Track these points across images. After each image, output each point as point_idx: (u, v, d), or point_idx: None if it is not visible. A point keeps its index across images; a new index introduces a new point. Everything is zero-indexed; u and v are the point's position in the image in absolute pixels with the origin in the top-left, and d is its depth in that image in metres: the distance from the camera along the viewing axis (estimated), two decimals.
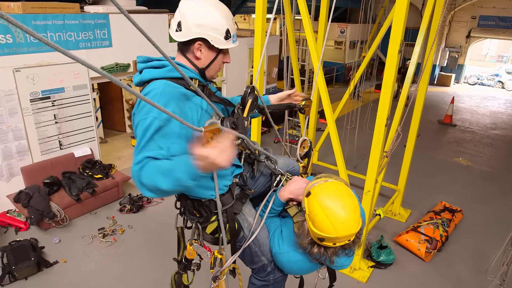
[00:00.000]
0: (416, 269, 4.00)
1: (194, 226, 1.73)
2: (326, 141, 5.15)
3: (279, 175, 1.88)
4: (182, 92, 1.44)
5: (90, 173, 4.93)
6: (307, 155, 2.01)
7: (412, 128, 4.64)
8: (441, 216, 4.64)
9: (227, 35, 1.48)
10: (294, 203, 1.72)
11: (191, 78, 1.48)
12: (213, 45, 1.47)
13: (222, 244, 1.64)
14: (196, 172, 1.20)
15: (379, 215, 4.28)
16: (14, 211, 4.47)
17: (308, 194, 1.50)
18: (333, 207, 1.43)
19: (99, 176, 4.93)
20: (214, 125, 1.24)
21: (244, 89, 1.58)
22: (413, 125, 4.63)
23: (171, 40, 5.85)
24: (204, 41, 1.47)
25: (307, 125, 2.13)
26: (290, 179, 1.83)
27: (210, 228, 1.67)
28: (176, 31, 1.48)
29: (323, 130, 5.46)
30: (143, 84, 1.52)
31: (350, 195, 1.49)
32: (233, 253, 1.67)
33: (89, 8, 4.92)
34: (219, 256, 1.66)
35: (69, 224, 4.46)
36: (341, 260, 1.64)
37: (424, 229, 4.31)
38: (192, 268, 1.82)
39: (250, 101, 1.56)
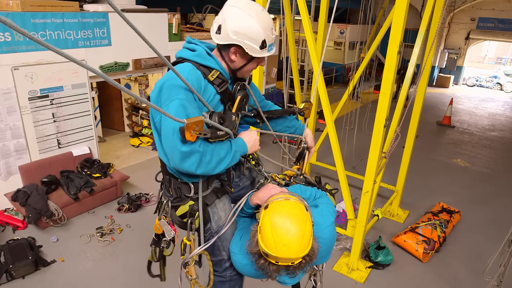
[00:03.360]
0: (413, 270, 4.01)
1: (165, 202, 1.79)
2: (325, 141, 5.15)
3: (262, 178, 1.93)
4: (199, 82, 1.55)
5: (88, 172, 4.92)
6: (301, 156, 2.00)
7: (410, 129, 4.65)
8: (439, 217, 4.65)
9: (263, 45, 1.54)
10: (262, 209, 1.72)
11: (214, 69, 1.60)
12: (247, 53, 1.55)
13: (191, 231, 1.69)
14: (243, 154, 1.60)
15: (377, 215, 4.29)
16: (12, 209, 4.46)
17: (266, 207, 1.50)
18: (280, 227, 1.40)
19: (98, 175, 4.92)
20: (198, 118, 1.34)
21: (234, 86, 1.65)
22: (412, 126, 4.63)
23: (171, 39, 5.87)
24: (240, 47, 1.54)
25: (306, 125, 2.11)
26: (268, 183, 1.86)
27: (181, 211, 1.72)
28: (216, 33, 1.56)
29: (322, 131, 5.46)
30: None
31: (302, 221, 1.44)
32: (198, 241, 1.72)
33: (89, 7, 4.91)
34: (188, 243, 1.70)
35: (67, 223, 4.45)
36: (283, 277, 1.61)
37: (422, 230, 4.32)
38: (162, 245, 1.86)
39: (239, 97, 1.65)
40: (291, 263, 1.45)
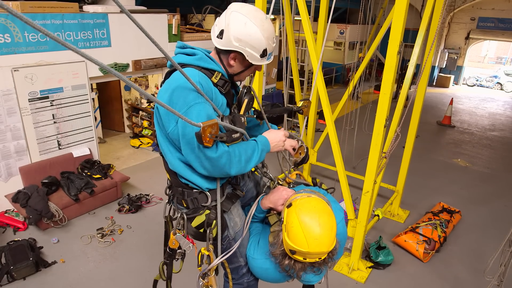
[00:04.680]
0: (414, 270, 4.01)
1: (179, 216, 1.74)
2: (325, 141, 5.15)
3: (268, 181, 1.92)
4: (209, 86, 1.54)
5: (88, 173, 4.92)
6: (303, 161, 1.95)
7: (411, 129, 4.65)
8: (439, 217, 4.65)
9: (264, 54, 1.54)
10: (275, 212, 1.73)
11: (216, 71, 1.58)
12: (247, 60, 1.55)
13: (210, 241, 1.64)
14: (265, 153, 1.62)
15: (378, 215, 4.29)
16: (13, 211, 4.46)
17: (289, 206, 1.52)
18: (310, 222, 1.44)
19: (98, 176, 4.92)
20: (213, 120, 1.32)
21: (240, 89, 1.63)
22: (412, 126, 4.63)
23: (171, 39, 5.87)
24: (240, 54, 1.53)
25: (306, 125, 2.10)
26: (275, 186, 1.85)
27: (197, 221, 1.66)
28: (218, 37, 1.54)
29: (322, 131, 5.46)
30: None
31: (329, 214, 1.49)
32: (215, 249, 1.67)
33: (88, 8, 4.91)
34: (206, 253, 1.65)
35: (67, 224, 4.45)
36: (308, 276, 1.62)
37: (423, 230, 4.32)
38: (176, 257, 1.83)
39: (246, 100, 1.62)
40: (318, 259, 1.47)
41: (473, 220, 5.06)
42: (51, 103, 4.65)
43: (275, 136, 1.69)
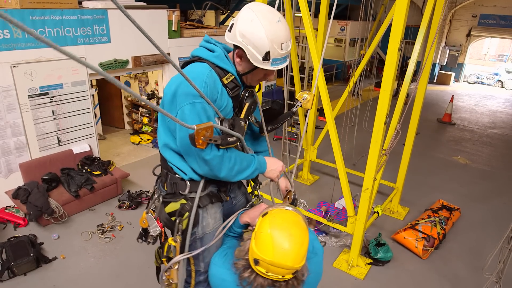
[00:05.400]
0: (413, 267, 4.02)
1: (156, 197, 1.75)
2: (325, 139, 5.15)
3: (254, 197, 1.92)
4: (217, 85, 1.53)
5: (89, 170, 4.92)
6: (293, 203, 1.92)
7: (411, 127, 4.65)
8: (439, 214, 4.65)
9: (266, 57, 1.47)
10: (252, 228, 1.61)
11: (229, 73, 1.57)
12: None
13: (178, 232, 1.61)
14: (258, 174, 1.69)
15: (377, 212, 4.29)
16: (13, 207, 4.47)
17: (265, 214, 1.46)
18: (281, 232, 1.36)
19: (98, 172, 4.92)
20: (207, 123, 1.30)
21: (242, 92, 1.62)
22: (412, 123, 4.63)
23: (171, 36, 5.85)
24: (244, 52, 1.50)
25: (307, 125, 2.10)
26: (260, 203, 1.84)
27: (171, 207, 1.66)
28: (228, 30, 1.53)
29: (322, 128, 5.46)
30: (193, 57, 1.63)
31: (302, 229, 1.41)
32: (182, 243, 1.64)
33: (88, 4, 4.89)
34: (173, 244, 1.61)
35: (68, 220, 4.46)
36: None
37: (422, 227, 4.33)
38: (148, 241, 1.81)
39: (247, 104, 1.61)
40: (282, 277, 1.37)
41: (472, 217, 5.07)
42: (50, 99, 4.64)
43: (273, 163, 1.72)
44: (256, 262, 1.37)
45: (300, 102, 1.93)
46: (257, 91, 1.78)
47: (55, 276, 3.61)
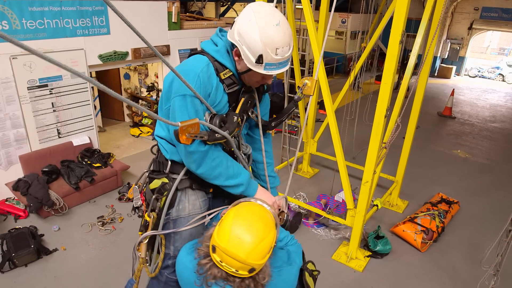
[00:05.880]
0: (412, 259, 4.05)
1: (147, 173, 1.84)
2: (325, 132, 5.15)
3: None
4: (211, 80, 1.53)
5: (89, 162, 4.93)
6: (284, 226, 1.82)
7: (411, 120, 4.64)
8: (438, 208, 4.67)
9: (259, 60, 1.43)
10: None
11: (228, 69, 1.57)
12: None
13: (155, 209, 1.68)
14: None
15: (377, 205, 4.31)
16: (13, 199, 4.48)
17: (235, 204, 1.47)
18: (242, 221, 1.33)
19: (98, 164, 4.93)
20: (193, 120, 1.32)
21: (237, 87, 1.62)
22: (413, 116, 4.62)
23: (170, 27, 5.80)
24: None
25: (307, 120, 2.09)
26: None
27: (153, 184, 1.74)
28: (231, 27, 1.52)
29: (323, 121, 5.45)
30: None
31: (267, 225, 1.36)
32: (156, 221, 1.69)
33: None
34: (148, 219, 1.68)
35: (68, 212, 4.48)
36: None
37: (421, 220, 4.35)
38: (138, 213, 1.89)
39: (243, 99, 1.62)
40: (235, 271, 1.31)
41: (471, 210, 5.09)
42: (50, 91, 4.62)
43: (263, 195, 1.71)
44: (214, 249, 1.34)
45: (301, 89, 1.84)
46: (265, 91, 1.78)
47: (55, 267, 3.64)
